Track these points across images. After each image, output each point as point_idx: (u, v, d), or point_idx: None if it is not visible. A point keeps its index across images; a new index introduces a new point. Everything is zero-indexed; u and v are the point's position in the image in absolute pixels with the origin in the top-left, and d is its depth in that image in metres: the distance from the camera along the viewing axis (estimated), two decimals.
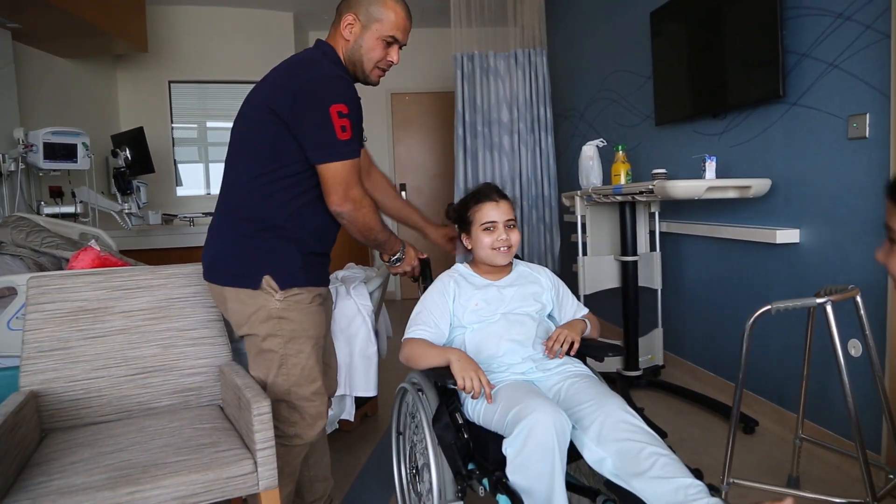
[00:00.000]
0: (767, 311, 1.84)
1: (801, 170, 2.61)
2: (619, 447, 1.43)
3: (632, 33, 3.93)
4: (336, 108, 1.59)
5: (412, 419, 1.83)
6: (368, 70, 1.78)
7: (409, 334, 1.78)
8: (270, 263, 1.69)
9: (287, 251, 1.71)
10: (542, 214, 4.76)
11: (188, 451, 1.52)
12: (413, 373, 1.87)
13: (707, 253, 3.33)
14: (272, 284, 1.68)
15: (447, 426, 1.60)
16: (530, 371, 1.73)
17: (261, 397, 1.54)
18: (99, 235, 3.09)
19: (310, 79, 1.64)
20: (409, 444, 1.92)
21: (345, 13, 1.74)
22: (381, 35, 1.73)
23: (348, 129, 1.61)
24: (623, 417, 1.48)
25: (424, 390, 1.76)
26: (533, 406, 1.43)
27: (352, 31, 1.74)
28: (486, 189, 1.89)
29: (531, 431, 1.39)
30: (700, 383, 3.40)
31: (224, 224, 1.76)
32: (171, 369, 1.89)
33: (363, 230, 1.74)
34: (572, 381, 1.67)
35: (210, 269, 1.78)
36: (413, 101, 6.57)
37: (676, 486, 1.32)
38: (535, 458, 1.40)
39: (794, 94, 2.60)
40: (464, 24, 4.67)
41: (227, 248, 1.74)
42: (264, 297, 1.69)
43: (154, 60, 5.48)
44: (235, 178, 1.74)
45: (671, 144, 3.59)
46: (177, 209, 5.25)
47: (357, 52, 1.75)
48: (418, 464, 1.80)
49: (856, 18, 2.29)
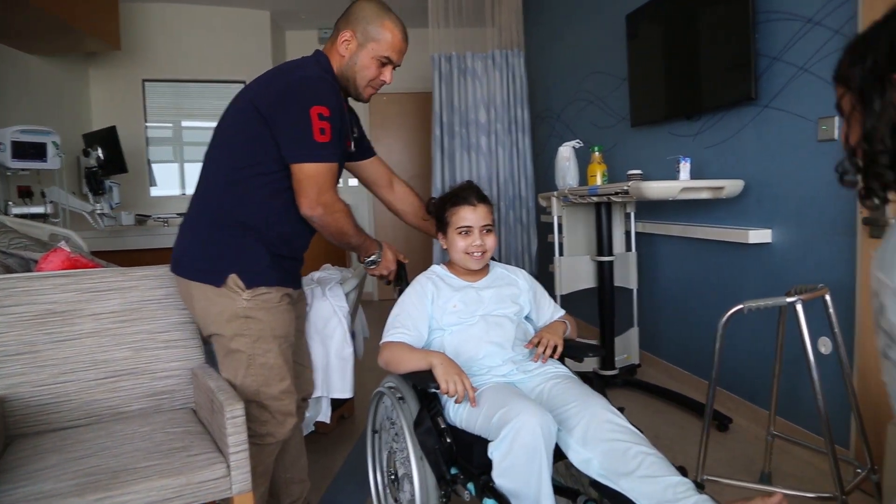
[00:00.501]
0: (739, 310, 1.86)
1: (772, 171, 2.65)
2: (605, 447, 1.43)
3: (608, 35, 3.96)
4: (317, 109, 1.59)
5: (391, 425, 1.81)
6: (361, 87, 1.80)
7: (387, 337, 1.76)
8: (237, 261, 1.68)
9: (255, 249, 1.69)
10: (520, 215, 4.78)
11: (159, 456, 1.50)
12: (390, 376, 1.85)
13: (682, 253, 3.36)
14: (238, 283, 1.66)
15: (429, 431, 1.59)
16: (511, 373, 1.73)
17: (234, 400, 1.52)
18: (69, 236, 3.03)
19: (295, 78, 1.65)
20: (386, 447, 1.90)
21: (343, 29, 1.75)
22: (376, 55, 1.75)
23: (327, 132, 1.61)
24: (608, 417, 1.49)
25: (403, 395, 1.74)
26: (518, 408, 1.43)
27: (348, 47, 1.75)
28: (466, 191, 1.86)
29: (517, 434, 1.39)
30: (675, 382, 3.43)
31: (195, 218, 1.75)
32: (142, 372, 1.86)
33: (335, 234, 1.73)
34: (554, 383, 1.67)
35: (177, 261, 1.77)
36: (391, 102, 6.55)
37: (665, 484, 1.33)
38: (521, 461, 1.39)
39: (765, 96, 2.64)
40: (441, 24, 4.67)
41: (196, 242, 1.73)
42: (230, 295, 1.67)
43: (127, 58, 5.40)
44: (211, 172, 1.73)
45: (646, 146, 3.62)
46: (151, 210, 5.17)
47: (351, 69, 1.76)
48: (398, 471, 1.79)
49: (825, 23, 2.33)
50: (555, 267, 3.55)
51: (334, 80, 1.74)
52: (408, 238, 2.05)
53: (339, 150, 1.69)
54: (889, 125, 0.81)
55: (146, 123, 5.63)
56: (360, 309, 2.79)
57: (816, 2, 2.35)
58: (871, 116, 0.83)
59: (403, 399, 1.72)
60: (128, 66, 5.46)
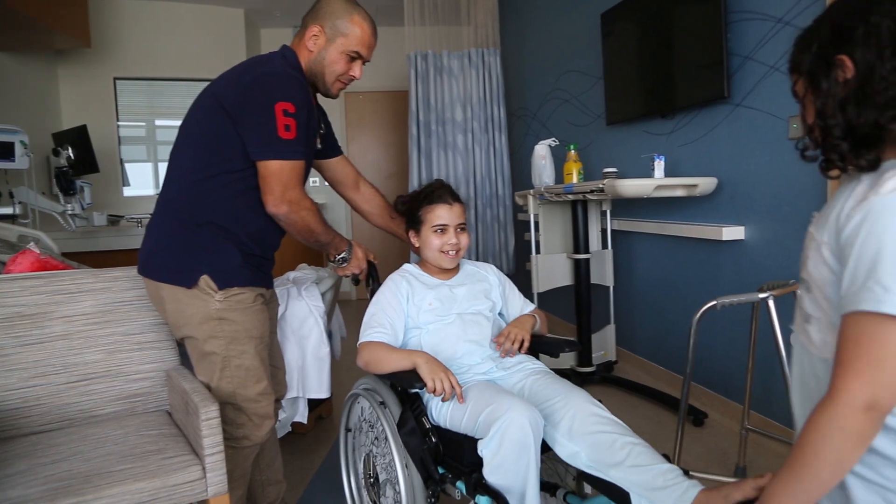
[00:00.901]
0: (713, 306, 1.89)
1: (745, 169, 2.68)
2: (591, 440, 1.45)
3: (583, 34, 3.98)
4: (282, 105, 1.57)
5: (370, 428, 1.79)
6: (330, 83, 1.78)
7: (365, 338, 1.73)
8: (208, 261, 1.65)
9: (226, 249, 1.67)
10: (497, 213, 4.79)
11: (133, 459, 1.48)
12: (365, 377, 1.84)
13: (657, 250, 3.40)
14: (210, 284, 1.64)
15: (413, 431, 1.57)
16: (491, 370, 1.73)
17: (209, 401, 1.50)
18: (39, 238, 2.97)
19: (260, 73, 1.62)
20: (362, 449, 1.88)
21: (310, 24, 1.73)
22: (345, 49, 1.73)
23: (293, 129, 1.59)
24: (592, 410, 1.51)
25: (383, 397, 1.71)
26: (506, 405, 1.43)
27: (316, 42, 1.73)
28: (441, 189, 1.86)
29: (507, 430, 1.40)
30: (652, 378, 3.46)
31: (162, 218, 1.72)
32: (115, 375, 1.83)
33: (303, 232, 1.71)
34: (535, 378, 1.69)
35: (145, 263, 1.73)
36: (367, 100, 6.53)
37: (655, 472, 1.35)
38: (512, 457, 1.40)
39: (738, 95, 2.68)
40: (417, 22, 4.66)
41: (164, 242, 1.70)
42: (203, 297, 1.64)
43: (98, 56, 5.31)
44: (177, 172, 1.70)
45: (622, 144, 3.65)
46: (124, 210, 5.09)
47: (319, 64, 1.74)
48: (377, 475, 1.76)
49: (794, 23, 2.36)
50: (532, 265, 3.56)
51: (302, 75, 1.72)
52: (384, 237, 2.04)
53: (305, 147, 1.66)
54: (837, 100, 0.90)
55: (118, 122, 5.54)
56: (337, 308, 2.78)
57: (786, 2, 2.39)
58: (821, 95, 0.92)
59: (385, 404, 1.69)
60: (98, 63, 5.37)
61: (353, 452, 1.96)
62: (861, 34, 0.86)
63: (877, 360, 0.81)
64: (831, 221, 0.91)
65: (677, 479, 1.33)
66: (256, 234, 1.71)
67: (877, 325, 0.81)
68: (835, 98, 0.90)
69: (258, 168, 1.62)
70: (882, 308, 0.80)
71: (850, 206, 0.87)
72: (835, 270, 0.90)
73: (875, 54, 0.85)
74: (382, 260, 2.10)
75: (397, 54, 5.26)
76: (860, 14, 0.87)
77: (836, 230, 0.89)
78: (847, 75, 0.89)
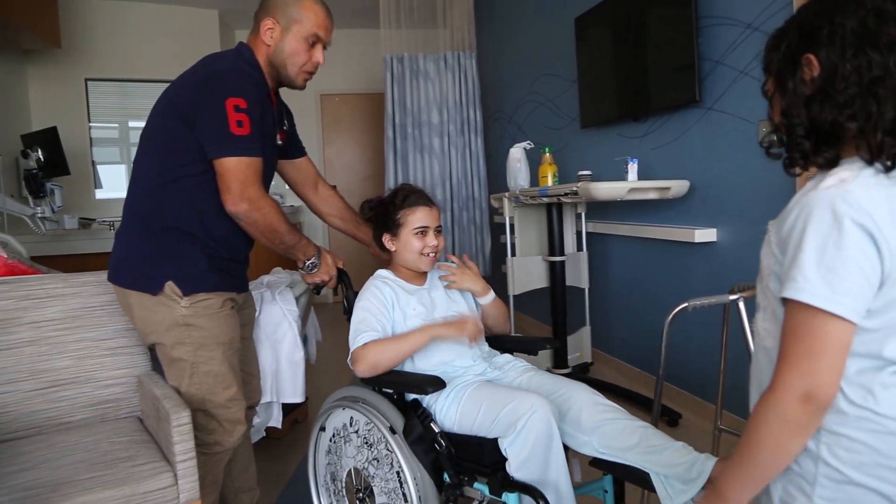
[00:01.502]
0: (684, 308, 1.91)
1: (717, 172, 2.72)
2: (601, 428, 1.50)
3: (557, 38, 4.01)
4: (232, 101, 1.54)
5: (366, 446, 1.71)
6: (294, 74, 1.74)
7: (361, 341, 1.65)
8: (173, 267, 1.63)
9: (191, 254, 1.64)
10: (473, 216, 4.80)
11: (103, 467, 1.46)
12: (346, 388, 1.80)
13: (631, 252, 3.43)
14: (176, 290, 1.62)
15: (422, 438, 1.55)
16: (486, 371, 1.74)
17: (180, 407, 1.49)
18: (7, 241, 2.92)
19: (210, 72, 1.60)
20: (348, 460, 1.79)
21: (262, 18, 1.71)
22: (303, 35, 1.70)
23: (245, 124, 1.56)
24: (597, 400, 1.57)
25: (381, 411, 1.64)
26: (529, 401, 1.46)
27: (272, 35, 1.70)
28: (417, 192, 1.84)
29: (533, 425, 1.43)
30: (627, 379, 3.50)
31: (128, 225, 1.70)
32: (86, 381, 1.80)
33: (265, 232, 1.64)
34: (530, 375, 1.71)
35: (113, 270, 1.72)
36: (343, 103, 6.50)
37: (671, 451, 1.43)
38: (540, 451, 1.44)
39: (709, 99, 2.72)
40: (393, 25, 4.66)
41: (130, 249, 1.68)
42: (169, 303, 1.62)
43: (69, 57, 5.21)
44: (140, 177, 1.68)
45: (596, 147, 3.68)
46: (96, 213, 5.01)
47: (280, 56, 1.71)
48: (373, 492, 1.70)
49: (762, 29, 2.41)
50: (507, 267, 3.57)
51: (257, 71, 1.70)
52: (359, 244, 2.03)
53: (260, 143, 1.62)
54: (802, 100, 0.92)
55: (90, 124, 5.46)
56: (312, 312, 2.76)
57: (755, 8, 2.43)
58: (787, 94, 0.94)
59: (394, 429, 1.60)
60: (69, 64, 5.28)
61: (330, 455, 1.90)
62: (826, 34, 0.89)
63: (812, 351, 0.84)
64: (781, 215, 0.96)
65: (692, 455, 1.42)
66: (223, 238, 1.69)
67: (811, 318, 0.84)
68: (800, 97, 0.92)
69: (215, 167, 1.58)
70: (801, 297, 0.84)
71: (794, 200, 0.93)
72: (779, 261, 0.94)
73: (838, 54, 0.88)
74: (359, 267, 2.07)
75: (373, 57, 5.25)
76: (826, 14, 0.89)
77: (781, 221, 0.95)
78: (813, 73, 0.91)
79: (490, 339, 1.89)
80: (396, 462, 1.58)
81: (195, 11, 5.62)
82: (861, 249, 0.82)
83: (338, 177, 6.56)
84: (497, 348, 1.87)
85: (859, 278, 0.82)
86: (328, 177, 6.48)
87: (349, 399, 1.76)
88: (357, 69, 6.19)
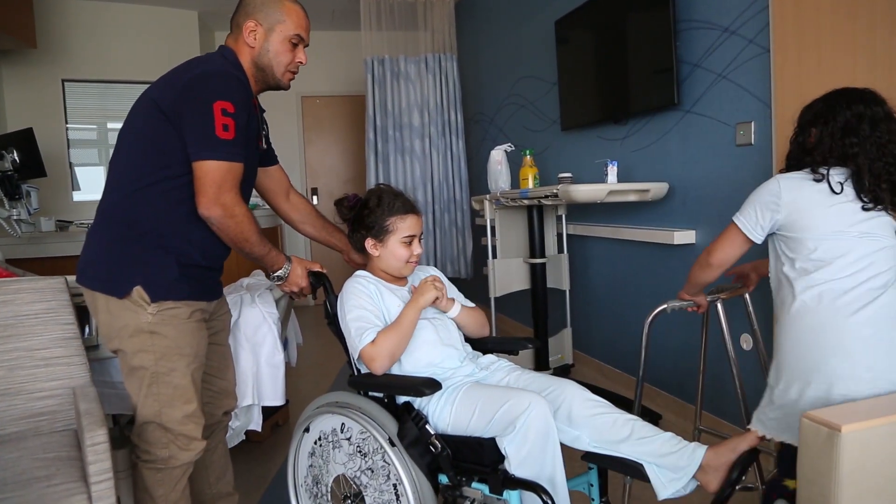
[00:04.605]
0: (663, 310, 1.92)
1: (695, 174, 2.75)
2: (592, 423, 1.55)
3: (538, 40, 4.03)
4: (220, 104, 1.52)
5: (360, 454, 1.68)
6: (280, 74, 1.74)
7: (368, 338, 1.63)
8: (143, 273, 1.59)
9: (162, 260, 1.61)
10: (455, 218, 4.80)
11: (14, 487, 1.36)
12: (334, 393, 1.77)
13: (612, 254, 3.45)
14: (144, 296, 1.58)
15: (418, 441, 1.54)
16: (474, 372, 1.73)
17: (96, 425, 1.40)
18: None
19: (198, 73, 1.57)
20: (336, 465, 1.76)
21: (244, 22, 1.69)
22: (286, 35, 1.70)
23: (231, 129, 1.54)
24: (586, 395, 1.61)
25: (373, 417, 1.62)
26: (525, 399, 1.48)
27: (256, 37, 1.69)
28: (402, 198, 1.80)
29: (532, 423, 1.45)
30: (608, 380, 3.51)
31: (101, 226, 1.66)
32: (17, 393, 1.71)
33: (235, 240, 1.62)
34: (517, 374, 1.72)
35: (82, 271, 1.67)
36: (324, 105, 6.47)
37: (661, 441, 1.50)
38: (539, 447, 1.45)
39: (688, 101, 2.74)
40: (374, 27, 4.65)
41: (100, 251, 1.65)
42: (135, 309, 1.59)
43: (45, 57, 5.13)
44: (116, 179, 1.65)
45: (576, 149, 3.70)
46: (73, 215, 4.94)
47: (265, 58, 1.70)
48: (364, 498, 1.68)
49: (740, 33, 2.43)
50: (489, 269, 3.57)
51: (242, 73, 1.68)
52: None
53: (243, 148, 1.61)
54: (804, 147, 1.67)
55: (67, 125, 5.37)
56: (293, 315, 2.74)
57: (732, 12, 2.46)
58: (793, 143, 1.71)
59: (392, 442, 1.57)
60: (45, 65, 5.19)
61: (314, 457, 1.87)
62: (823, 121, 1.57)
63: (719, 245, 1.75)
64: None
65: (682, 443, 1.49)
66: (199, 244, 1.65)
67: (731, 227, 1.69)
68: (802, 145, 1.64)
69: (194, 169, 1.55)
70: (734, 218, 1.68)
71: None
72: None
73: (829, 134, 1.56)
74: (343, 272, 2.01)
75: (354, 59, 5.24)
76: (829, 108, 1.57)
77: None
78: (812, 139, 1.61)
79: (471, 341, 1.88)
80: (394, 474, 1.55)
81: (174, 12, 5.57)
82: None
83: (319, 179, 6.53)
84: (478, 349, 1.87)
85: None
86: (309, 179, 6.46)
87: (339, 404, 1.72)
88: (338, 71, 6.17)
